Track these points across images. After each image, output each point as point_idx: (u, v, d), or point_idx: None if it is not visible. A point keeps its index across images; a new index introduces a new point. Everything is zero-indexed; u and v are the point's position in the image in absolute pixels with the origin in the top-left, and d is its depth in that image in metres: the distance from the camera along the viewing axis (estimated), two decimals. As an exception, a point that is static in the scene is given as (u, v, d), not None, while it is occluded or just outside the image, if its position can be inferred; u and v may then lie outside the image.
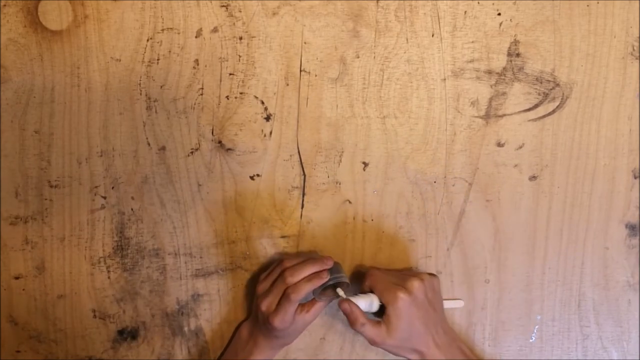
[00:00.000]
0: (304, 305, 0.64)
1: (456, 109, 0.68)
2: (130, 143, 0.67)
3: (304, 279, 0.62)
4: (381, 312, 0.63)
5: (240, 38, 0.65)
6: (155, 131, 0.67)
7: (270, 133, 0.68)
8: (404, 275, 0.66)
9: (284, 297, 0.62)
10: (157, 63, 0.65)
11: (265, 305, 0.63)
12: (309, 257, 0.65)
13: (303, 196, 0.69)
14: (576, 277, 0.71)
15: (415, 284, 0.62)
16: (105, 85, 0.65)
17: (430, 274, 0.67)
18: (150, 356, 0.71)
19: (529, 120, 0.68)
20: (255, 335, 0.67)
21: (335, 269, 0.64)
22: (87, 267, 0.69)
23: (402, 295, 0.62)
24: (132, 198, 0.68)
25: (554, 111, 0.68)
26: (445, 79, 0.67)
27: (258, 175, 0.68)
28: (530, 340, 0.73)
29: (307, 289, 0.62)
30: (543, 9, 0.66)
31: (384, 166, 0.69)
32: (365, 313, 0.63)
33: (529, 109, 0.68)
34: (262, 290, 0.64)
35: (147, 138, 0.67)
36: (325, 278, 0.63)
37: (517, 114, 0.68)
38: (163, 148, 0.67)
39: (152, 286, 0.70)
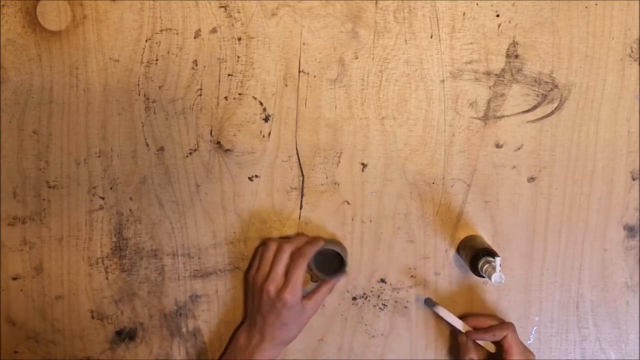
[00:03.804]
0: (309, 294, 0.66)
1: (455, 110, 0.68)
2: (129, 144, 0.67)
3: (304, 243, 0.65)
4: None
5: (239, 39, 0.65)
6: (153, 132, 0.67)
7: (269, 134, 0.67)
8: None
9: (292, 264, 0.63)
10: (156, 64, 0.65)
11: (273, 284, 0.63)
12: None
13: (302, 197, 0.69)
14: (574, 278, 0.71)
15: None
16: (103, 85, 0.65)
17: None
18: (149, 357, 0.71)
19: (528, 122, 0.68)
20: (254, 336, 0.66)
21: (331, 241, 0.67)
22: (85, 267, 0.69)
23: None
24: (131, 199, 0.68)
25: (552, 113, 0.68)
26: (443, 80, 0.67)
27: (257, 176, 0.68)
28: (529, 342, 0.73)
29: (310, 250, 0.64)
30: (542, 11, 0.66)
31: (383, 167, 0.69)
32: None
33: (528, 111, 0.68)
34: (262, 276, 0.65)
35: (145, 139, 0.67)
36: (321, 242, 0.65)
37: (516, 116, 0.68)
38: (162, 149, 0.67)
39: (150, 287, 0.70)
